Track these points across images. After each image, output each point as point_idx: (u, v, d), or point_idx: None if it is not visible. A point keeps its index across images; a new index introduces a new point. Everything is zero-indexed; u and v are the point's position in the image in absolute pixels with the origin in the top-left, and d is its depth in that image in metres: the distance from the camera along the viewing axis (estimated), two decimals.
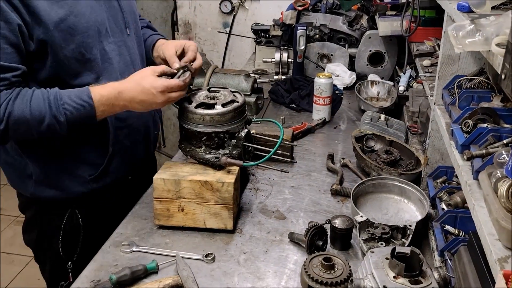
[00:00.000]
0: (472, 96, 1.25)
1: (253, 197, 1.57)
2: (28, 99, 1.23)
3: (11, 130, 1.23)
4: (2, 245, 3.15)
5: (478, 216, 0.87)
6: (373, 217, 1.37)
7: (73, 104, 1.25)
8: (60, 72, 1.31)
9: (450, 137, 1.18)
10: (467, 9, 1.07)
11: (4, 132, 1.22)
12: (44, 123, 1.23)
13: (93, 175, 1.45)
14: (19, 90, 1.24)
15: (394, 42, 2.49)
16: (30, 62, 1.27)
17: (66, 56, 1.29)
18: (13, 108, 1.21)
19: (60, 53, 1.28)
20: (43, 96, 1.24)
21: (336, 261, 1.10)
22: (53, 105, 1.24)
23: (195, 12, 3.43)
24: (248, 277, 1.23)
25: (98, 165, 1.45)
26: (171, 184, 1.33)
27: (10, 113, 1.21)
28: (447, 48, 1.34)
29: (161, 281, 1.17)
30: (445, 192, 1.34)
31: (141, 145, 1.59)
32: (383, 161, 1.65)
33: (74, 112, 1.25)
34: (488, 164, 0.93)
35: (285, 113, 2.24)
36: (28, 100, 1.23)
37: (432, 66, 1.74)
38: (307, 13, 2.66)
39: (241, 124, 1.42)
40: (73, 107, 1.25)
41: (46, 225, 1.51)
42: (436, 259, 1.22)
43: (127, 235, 1.37)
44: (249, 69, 2.77)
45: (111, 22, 1.41)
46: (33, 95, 1.24)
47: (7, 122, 1.21)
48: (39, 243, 1.56)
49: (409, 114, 2.02)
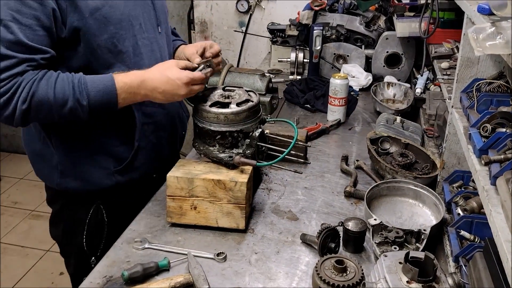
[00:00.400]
0: (491, 100, 1.23)
1: (265, 197, 1.56)
2: (53, 81, 1.24)
3: (33, 111, 1.24)
4: (17, 239, 3.20)
5: (495, 222, 0.85)
6: (387, 220, 1.36)
7: (96, 89, 1.27)
8: (93, 62, 1.33)
9: (467, 141, 1.16)
10: (487, 12, 1.05)
11: (26, 112, 1.23)
12: (67, 106, 1.25)
13: (118, 168, 1.47)
14: (45, 71, 1.25)
15: (411, 43, 2.47)
16: (61, 49, 1.29)
17: (99, 45, 1.31)
18: (37, 88, 1.22)
19: (93, 41, 1.30)
20: (68, 80, 1.26)
21: (349, 264, 1.09)
22: (76, 88, 1.25)
23: (211, 11, 3.44)
24: (259, 277, 1.22)
25: (123, 159, 1.47)
26: (184, 182, 1.33)
27: (34, 93, 1.22)
28: (466, 50, 1.32)
29: (172, 278, 1.17)
30: (461, 197, 1.32)
31: (167, 143, 1.60)
32: (398, 164, 1.63)
33: (97, 97, 1.27)
34: (506, 169, 0.91)
35: (299, 113, 2.23)
36: (53, 82, 1.24)
37: (450, 69, 1.72)
38: (323, 13, 2.64)
39: (255, 124, 1.42)
40: (96, 92, 1.27)
41: (71, 219, 1.54)
42: (451, 264, 1.21)
43: (140, 232, 1.38)
44: (264, 69, 2.76)
45: (145, 18, 1.44)
46: (58, 78, 1.25)
47: (30, 102, 1.22)
48: (64, 237, 1.59)
49: (426, 117, 1.99)
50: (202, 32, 3.53)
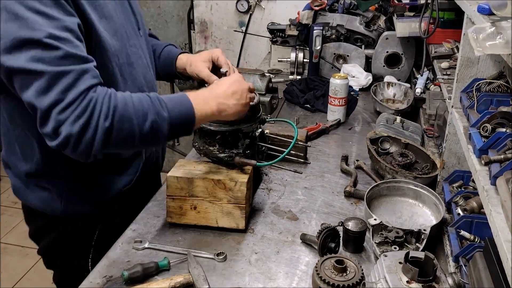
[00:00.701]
0: (491, 99, 1.23)
1: (265, 197, 1.56)
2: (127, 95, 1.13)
3: (116, 130, 1.09)
4: (17, 239, 3.20)
5: (494, 222, 0.85)
6: (387, 220, 1.36)
7: (173, 101, 1.18)
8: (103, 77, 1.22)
9: (467, 141, 1.16)
10: (487, 12, 1.05)
11: (108, 132, 1.08)
12: (148, 120, 1.11)
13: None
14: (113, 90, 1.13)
15: (411, 43, 2.47)
16: None
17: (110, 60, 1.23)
18: (117, 102, 1.09)
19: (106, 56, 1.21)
20: (142, 95, 1.15)
21: (349, 264, 1.09)
22: (155, 102, 1.14)
23: (211, 11, 3.44)
24: (259, 277, 1.22)
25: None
26: (184, 182, 1.33)
27: (115, 107, 1.08)
28: (466, 50, 1.32)
29: (172, 278, 1.17)
30: (461, 197, 1.32)
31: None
32: (398, 164, 1.63)
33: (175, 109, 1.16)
34: (506, 169, 0.91)
35: (299, 113, 2.23)
36: (129, 96, 1.13)
37: (450, 69, 1.72)
38: (323, 13, 2.64)
39: (255, 124, 1.42)
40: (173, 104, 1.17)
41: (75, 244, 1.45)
42: (451, 264, 1.21)
43: (140, 232, 1.38)
44: (264, 69, 2.76)
45: (128, 25, 1.36)
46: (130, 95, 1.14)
47: (112, 117, 1.08)
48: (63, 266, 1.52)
49: (426, 117, 1.99)
50: (202, 32, 3.53)
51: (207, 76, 1.45)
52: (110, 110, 1.08)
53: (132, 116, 1.10)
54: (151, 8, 3.63)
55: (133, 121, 1.10)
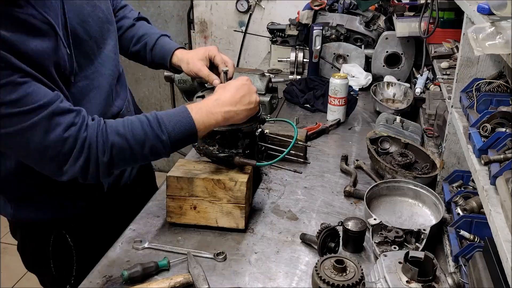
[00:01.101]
0: (490, 99, 1.23)
1: (265, 197, 1.56)
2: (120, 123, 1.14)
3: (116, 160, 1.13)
4: None
5: (494, 222, 0.85)
6: (387, 220, 1.36)
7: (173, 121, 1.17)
8: None
9: (467, 141, 1.16)
10: (487, 11, 1.05)
11: (109, 164, 1.12)
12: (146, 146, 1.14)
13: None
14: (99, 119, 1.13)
15: (411, 43, 2.47)
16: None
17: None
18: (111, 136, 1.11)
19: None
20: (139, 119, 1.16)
21: (348, 263, 1.09)
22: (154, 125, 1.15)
23: (211, 11, 3.44)
24: (259, 277, 1.22)
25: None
26: (184, 182, 1.33)
27: (112, 143, 1.11)
28: (466, 50, 1.32)
29: (172, 278, 1.17)
30: (460, 196, 1.32)
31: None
32: (398, 164, 1.63)
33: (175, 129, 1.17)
34: (506, 169, 0.91)
35: (299, 113, 2.23)
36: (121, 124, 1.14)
37: (450, 68, 1.72)
38: (323, 13, 2.64)
39: (255, 124, 1.42)
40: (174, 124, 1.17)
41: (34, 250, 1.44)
42: (450, 264, 1.21)
43: (139, 232, 1.38)
44: (264, 68, 2.76)
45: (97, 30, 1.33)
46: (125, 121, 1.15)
47: (110, 152, 1.11)
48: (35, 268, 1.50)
49: (426, 117, 1.99)
50: (202, 32, 3.53)
51: (207, 75, 1.45)
52: (107, 146, 1.11)
53: (130, 145, 1.13)
54: (150, 8, 3.63)
55: (132, 149, 1.14)
